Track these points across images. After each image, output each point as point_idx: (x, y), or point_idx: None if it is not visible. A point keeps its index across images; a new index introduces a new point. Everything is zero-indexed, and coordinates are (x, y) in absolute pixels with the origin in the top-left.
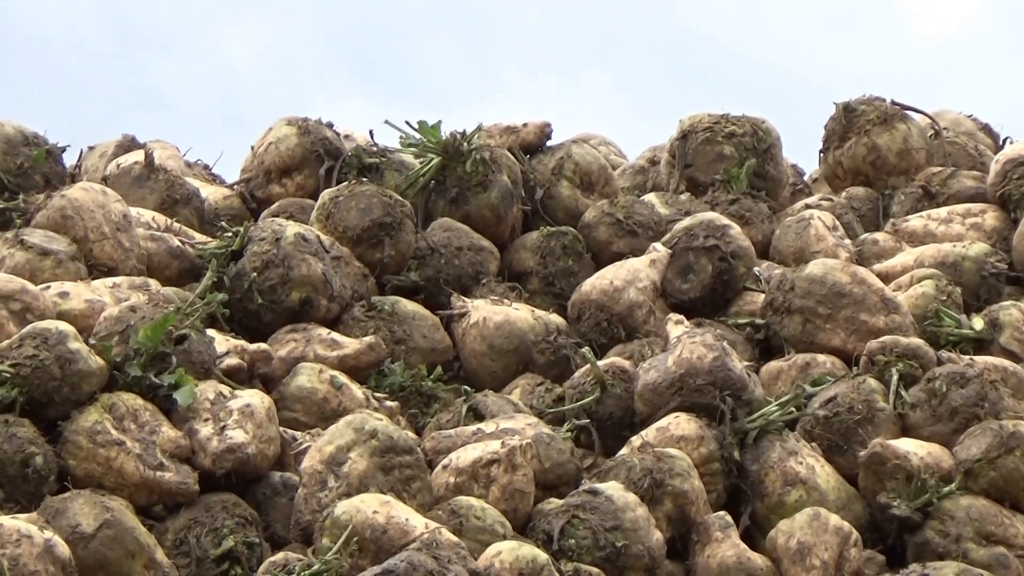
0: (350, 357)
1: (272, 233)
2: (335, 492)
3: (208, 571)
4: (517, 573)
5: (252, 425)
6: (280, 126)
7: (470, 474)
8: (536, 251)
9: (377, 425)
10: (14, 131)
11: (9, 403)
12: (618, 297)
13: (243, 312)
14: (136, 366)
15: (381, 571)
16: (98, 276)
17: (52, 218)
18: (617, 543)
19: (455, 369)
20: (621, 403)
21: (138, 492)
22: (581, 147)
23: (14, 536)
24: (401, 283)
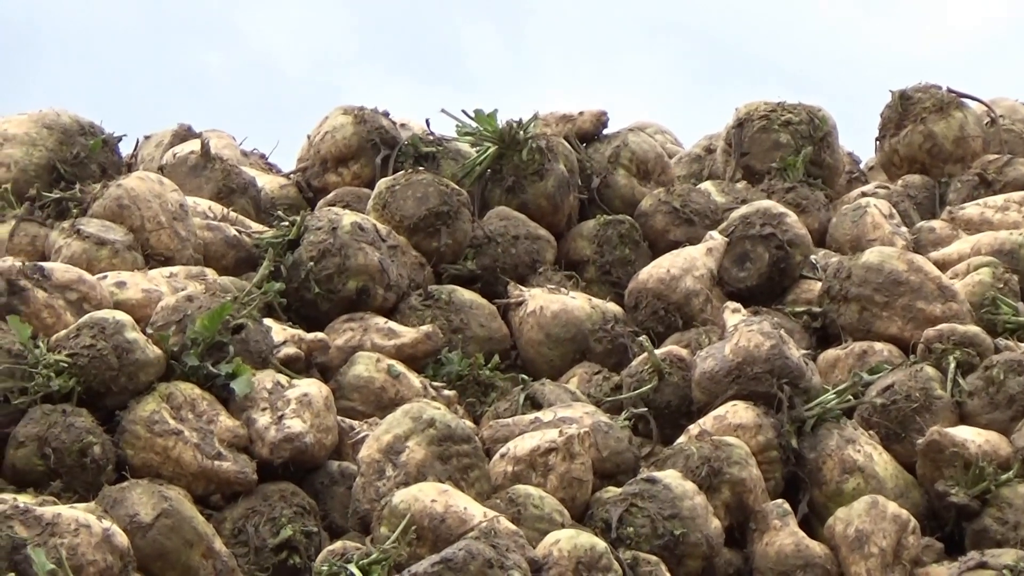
0: (407, 346)
1: (329, 222)
2: (393, 481)
3: (266, 560)
4: (575, 562)
5: (310, 414)
6: (336, 115)
7: (528, 463)
8: (593, 240)
9: (435, 414)
10: (70, 121)
11: (67, 393)
12: (675, 285)
13: (300, 301)
14: (193, 356)
15: (439, 560)
16: (155, 266)
17: (109, 208)
18: (675, 531)
19: (512, 358)
20: (678, 391)
21: (196, 481)
22: (637, 135)
23: (72, 526)
24: (458, 272)
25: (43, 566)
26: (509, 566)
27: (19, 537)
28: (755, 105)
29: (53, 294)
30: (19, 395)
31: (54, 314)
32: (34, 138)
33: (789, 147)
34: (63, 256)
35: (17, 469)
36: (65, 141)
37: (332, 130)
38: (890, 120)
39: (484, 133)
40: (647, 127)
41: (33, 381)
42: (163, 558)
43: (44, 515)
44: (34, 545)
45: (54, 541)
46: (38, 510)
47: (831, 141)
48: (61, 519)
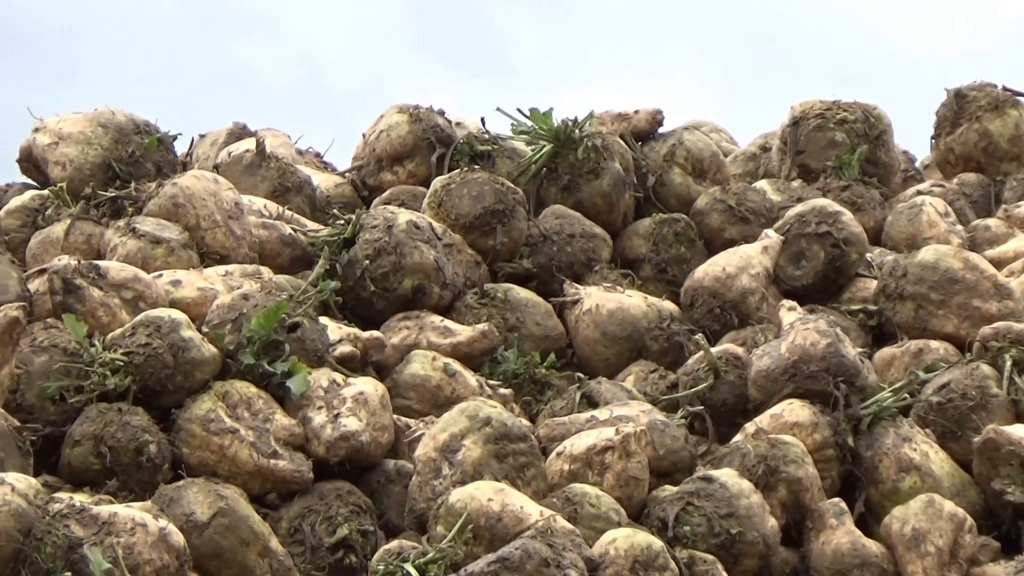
0: (463, 344)
1: (384, 221)
2: (449, 480)
3: (322, 559)
4: (632, 560)
5: (366, 413)
6: (391, 113)
7: (584, 461)
8: (648, 238)
9: (491, 412)
10: (125, 119)
11: (123, 391)
12: (731, 284)
13: (356, 300)
14: (249, 354)
15: (496, 559)
16: (210, 264)
17: (164, 206)
18: (732, 530)
19: (568, 356)
20: (735, 390)
21: (252, 480)
22: (693, 134)
23: (129, 524)
24: (514, 270)
25: (99, 565)
26: (566, 565)
27: (75, 536)
28: (810, 103)
29: (109, 292)
30: (75, 394)
31: (110, 312)
32: (89, 137)
33: (844, 145)
34: (118, 255)
35: (73, 468)
36: (120, 140)
37: (387, 128)
38: (945, 118)
39: (539, 131)
40: (702, 125)
41: (89, 380)
42: (219, 557)
43: (100, 514)
44: (90, 544)
45: (110, 540)
46: (94, 509)
47: (886, 139)
48: (117, 518)
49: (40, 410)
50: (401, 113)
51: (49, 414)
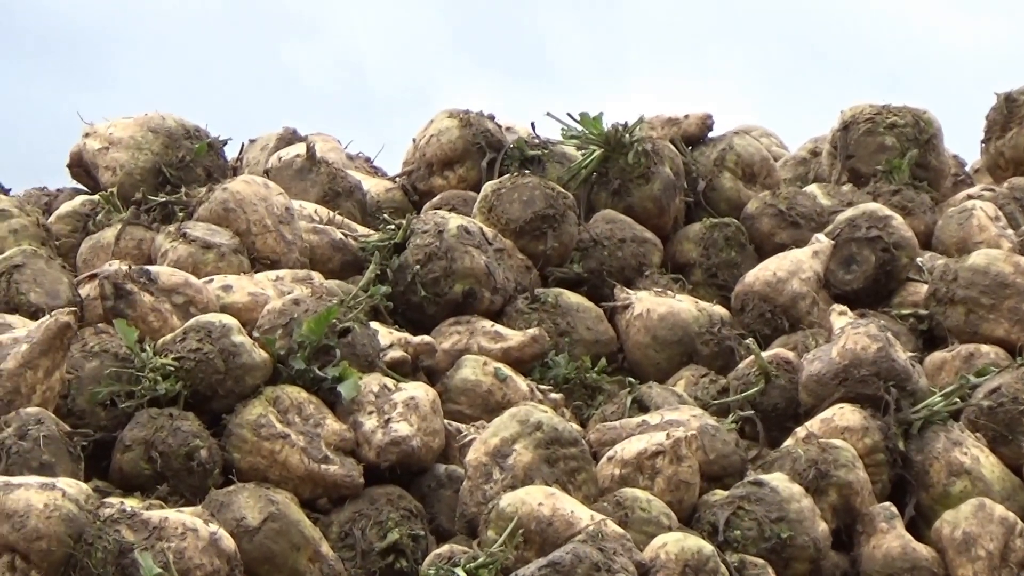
0: (514, 349)
1: (435, 225)
2: (500, 484)
3: (373, 564)
4: (683, 564)
5: (416, 418)
6: (442, 118)
7: (635, 466)
8: (699, 242)
9: (542, 417)
10: (175, 124)
11: (173, 396)
12: (781, 288)
13: (406, 305)
14: (300, 359)
15: (547, 563)
16: (261, 269)
17: (214, 211)
18: (782, 534)
19: (619, 361)
20: (785, 394)
21: (303, 485)
22: (743, 138)
23: (179, 529)
24: (564, 275)
25: (150, 570)
26: (616, 569)
27: (126, 541)
28: (860, 108)
29: (159, 298)
30: (126, 399)
31: (160, 318)
32: (140, 142)
33: (895, 150)
34: (169, 260)
35: (124, 473)
36: (170, 145)
37: (438, 133)
38: (995, 122)
39: (590, 136)
40: (752, 130)
41: (140, 385)
42: (270, 562)
43: (151, 519)
44: (141, 549)
45: (161, 545)
46: (145, 514)
47: (936, 144)
48: (168, 523)
49: (91, 415)
50: (451, 118)
51: (100, 419)
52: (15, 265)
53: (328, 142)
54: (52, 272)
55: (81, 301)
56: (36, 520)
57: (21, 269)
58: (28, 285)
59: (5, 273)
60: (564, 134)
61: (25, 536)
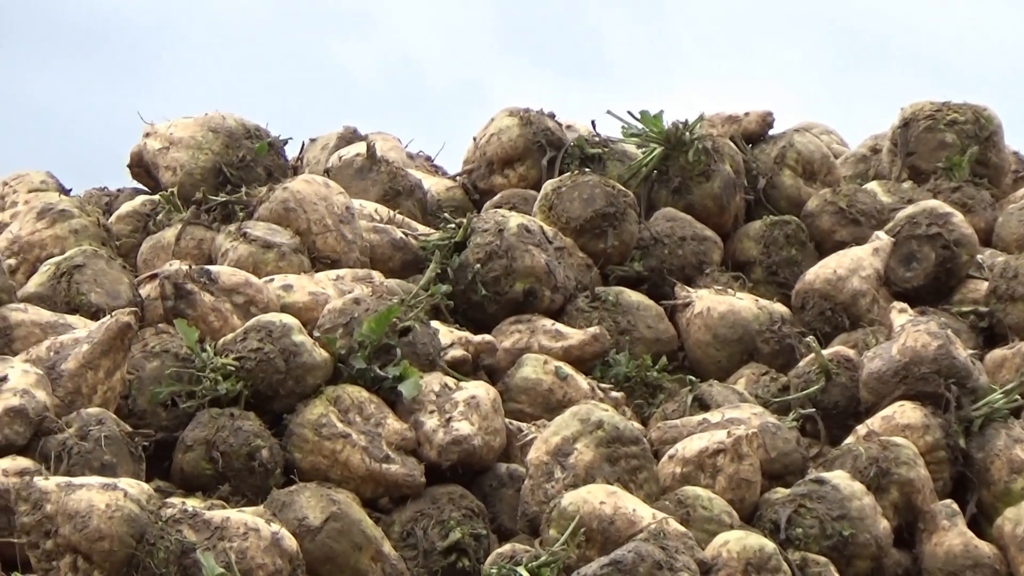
0: (575, 348)
1: (495, 224)
2: (562, 483)
3: (435, 563)
4: (744, 563)
5: (478, 417)
6: (502, 117)
7: (696, 464)
8: (759, 240)
9: (603, 416)
10: (236, 124)
11: (234, 396)
12: (842, 286)
13: (467, 303)
14: (361, 358)
15: (609, 562)
16: (321, 268)
17: (275, 211)
18: (844, 532)
19: (680, 359)
20: (846, 392)
21: (364, 484)
22: (803, 136)
23: (241, 529)
24: (625, 273)
25: (212, 570)
26: (678, 568)
27: (188, 541)
28: (921, 105)
29: (220, 297)
30: (187, 399)
31: (221, 317)
32: (200, 142)
33: (955, 147)
34: (229, 259)
35: (185, 473)
36: (231, 144)
37: (498, 132)
38: None
39: (650, 134)
40: (813, 127)
41: (201, 385)
42: (332, 561)
43: (213, 519)
44: (203, 549)
45: (223, 545)
46: (207, 514)
47: (997, 140)
48: (230, 523)
49: (152, 415)
50: (512, 116)
51: (161, 419)
52: (76, 265)
53: (388, 141)
54: (113, 272)
55: (142, 301)
56: (98, 520)
57: (82, 269)
58: (89, 285)
59: (66, 273)
60: (624, 132)
61: (87, 536)
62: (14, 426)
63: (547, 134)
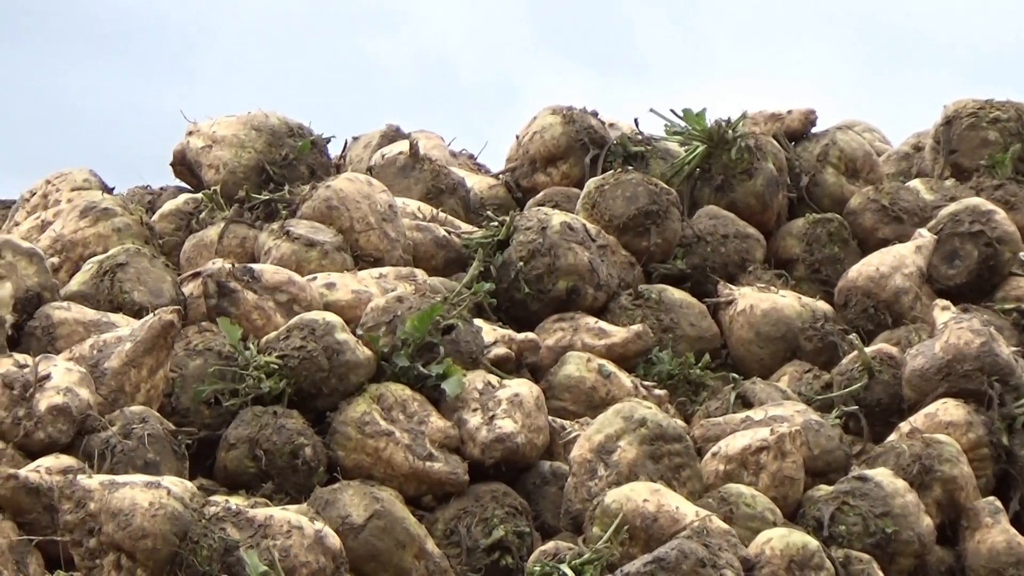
0: (618, 346)
1: (538, 222)
2: (605, 481)
3: (478, 561)
4: (788, 560)
5: (521, 414)
6: (545, 115)
7: (739, 461)
8: (802, 238)
9: (646, 413)
10: (279, 122)
11: (277, 394)
12: (884, 283)
13: (510, 301)
14: (404, 356)
15: (652, 559)
16: (364, 266)
17: (318, 209)
18: (887, 529)
19: (723, 357)
20: (889, 389)
21: (407, 482)
22: (846, 134)
23: (285, 527)
24: (668, 271)
25: (256, 568)
26: (721, 565)
27: (232, 539)
28: (963, 103)
29: (263, 296)
30: (230, 397)
31: (264, 316)
32: (243, 140)
33: (998, 144)
34: (272, 258)
35: (229, 471)
36: (274, 143)
37: (541, 130)
38: None
39: (693, 132)
40: (855, 125)
41: (244, 383)
42: (375, 559)
43: (256, 517)
44: (247, 547)
45: (266, 543)
46: (250, 512)
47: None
48: (273, 521)
49: (195, 413)
50: (555, 114)
51: (204, 417)
52: (119, 264)
53: (431, 139)
54: (155, 271)
55: (185, 299)
56: (141, 519)
57: (125, 268)
58: (132, 284)
59: (109, 272)
60: (667, 130)
61: (131, 535)
62: (57, 424)
63: (590, 132)
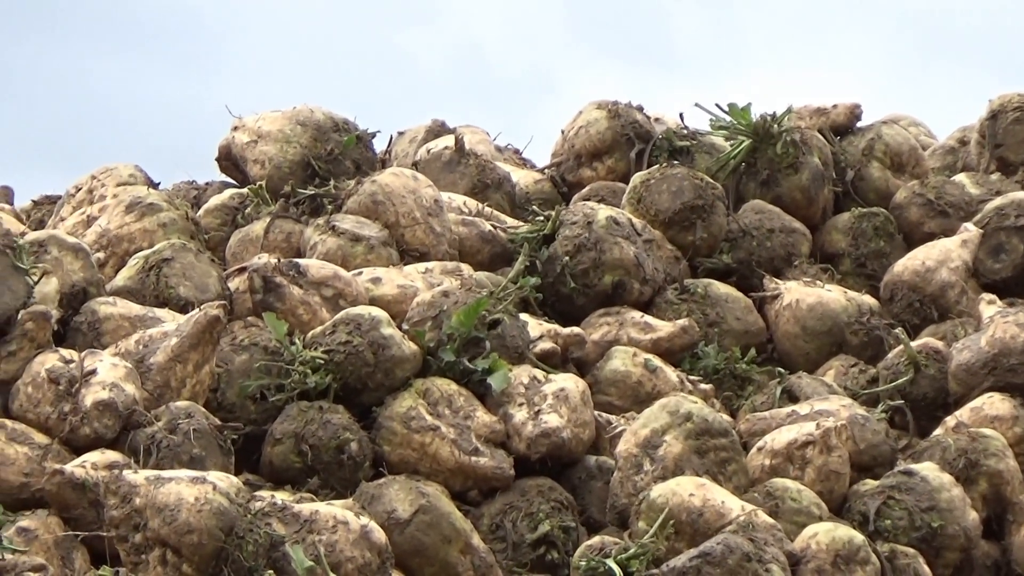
0: (664, 340)
1: (584, 217)
2: (651, 475)
3: (524, 555)
4: (834, 554)
5: (567, 409)
6: (590, 110)
7: (785, 456)
8: (848, 232)
9: (692, 408)
10: (324, 117)
11: (323, 389)
12: (930, 278)
13: (556, 296)
14: (450, 351)
15: (698, 554)
16: (410, 261)
17: (363, 204)
18: (933, 524)
19: (768, 351)
20: (935, 384)
21: (453, 477)
22: (891, 128)
23: (330, 522)
24: (713, 265)
25: (302, 563)
26: (767, 560)
27: (277, 534)
28: (1009, 97)
29: (309, 291)
30: (276, 392)
31: (310, 311)
32: (288, 135)
33: None
34: (318, 252)
35: (274, 466)
36: (319, 138)
37: (586, 124)
38: None
39: (738, 127)
40: (901, 119)
41: (289, 378)
42: (421, 554)
43: (302, 512)
44: (292, 542)
45: (312, 538)
46: (296, 507)
47: None
48: (319, 516)
49: (241, 408)
50: (600, 109)
51: (250, 413)
52: (164, 259)
53: (477, 134)
54: (201, 266)
55: (230, 294)
56: (187, 514)
57: (170, 263)
58: (177, 279)
59: (155, 267)
60: (712, 124)
61: (176, 530)
62: (103, 419)
63: (635, 127)
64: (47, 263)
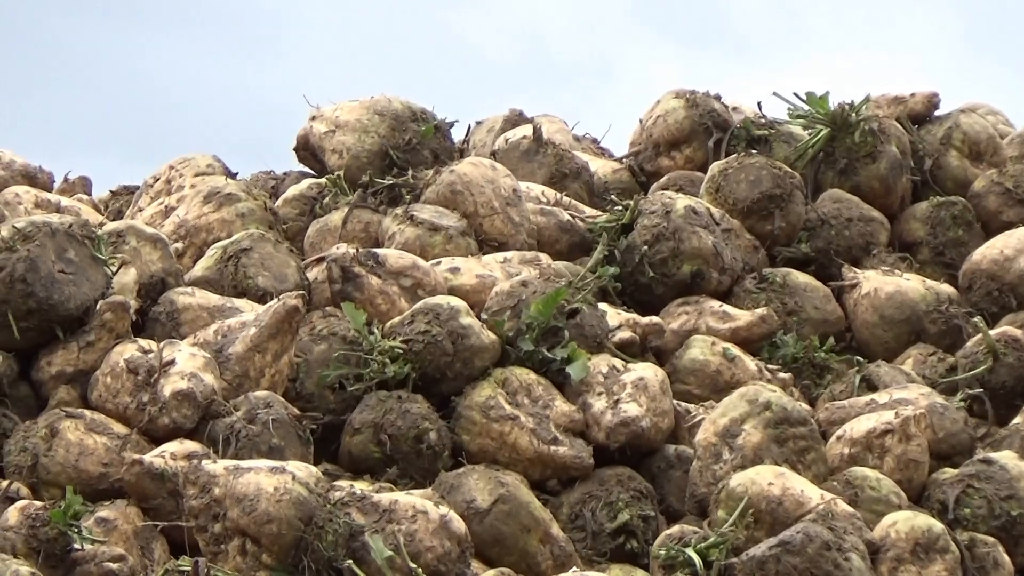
0: (742, 329)
1: (662, 206)
2: (730, 464)
3: (604, 545)
4: (913, 543)
5: (646, 398)
6: (668, 99)
7: (864, 444)
8: (926, 221)
9: (771, 397)
10: (402, 107)
11: (402, 379)
12: (1009, 266)
13: (634, 285)
14: (528, 340)
15: (777, 542)
16: (488, 251)
17: (442, 193)
18: (1012, 512)
19: (847, 340)
20: (1014, 372)
21: (532, 467)
22: (969, 116)
23: (410, 512)
24: (792, 255)
25: (381, 552)
26: (847, 548)
27: (357, 524)
28: None
29: (387, 280)
30: (354, 382)
31: (388, 300)
32: (366, 125)
33: None
34: (396, 242)
35: (353, 456)
36: (397, 127)
37: (664, 114)
38: None
39: (816, 116)
40: (978, 108)
41: (368, 368)
42: (500, 544)
43: (381, 502)
44: (372, 532)
45: (391, 528)
46: (375, 497)
47: None
48: (398, 506)
49: (319, 398)
50: (678, 98)
51: (328, 402)
52: (243, 249)
53: (555, 123)
54: (280, 256)
55: (309, 284)
56: (266, 503)
57: (249, 253)
58: (256, 269)
59: (233, 257)
60: (790, 113)
61: (255, 519)
62: (182, 409)
63: (713, 116)
64: (125, 253)
